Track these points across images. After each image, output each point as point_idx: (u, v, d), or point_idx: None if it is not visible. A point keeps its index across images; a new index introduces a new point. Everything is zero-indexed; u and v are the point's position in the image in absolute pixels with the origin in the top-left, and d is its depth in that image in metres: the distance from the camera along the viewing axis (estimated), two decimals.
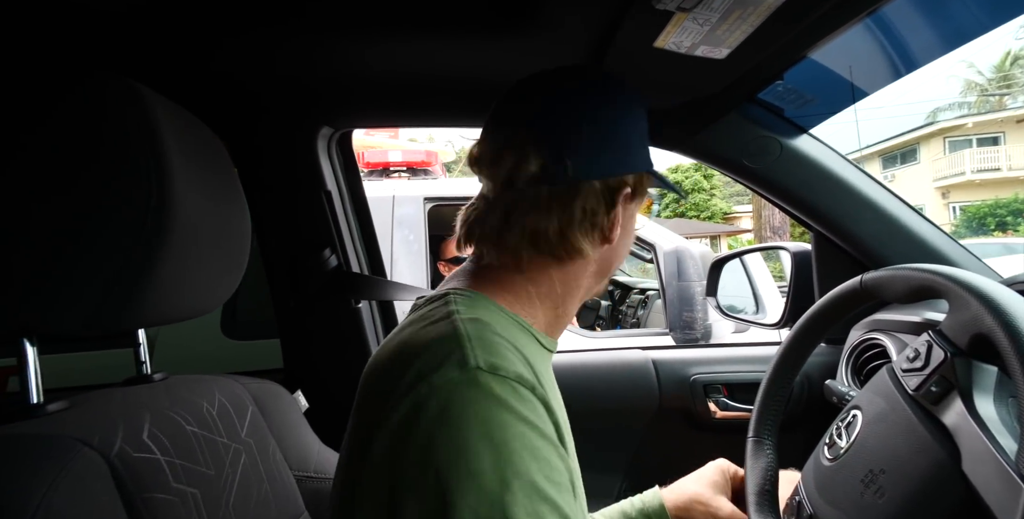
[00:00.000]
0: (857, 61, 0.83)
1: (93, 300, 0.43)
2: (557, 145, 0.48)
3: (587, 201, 0.49)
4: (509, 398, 0.38)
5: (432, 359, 0.39)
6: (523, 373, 0.40)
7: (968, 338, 0.47)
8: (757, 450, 0.69)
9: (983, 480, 0.41)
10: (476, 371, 0.38)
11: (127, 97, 0.44)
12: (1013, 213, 14.53)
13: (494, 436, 0.36)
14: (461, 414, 0.36)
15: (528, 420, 0.38)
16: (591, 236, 0.50)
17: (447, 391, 0.37)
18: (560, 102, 0.49)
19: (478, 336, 0.41)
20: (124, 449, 0.43)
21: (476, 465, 0.35)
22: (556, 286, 0.51)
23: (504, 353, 0.40)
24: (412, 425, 0.37)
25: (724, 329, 1.85)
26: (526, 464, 0.36)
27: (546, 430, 0.39)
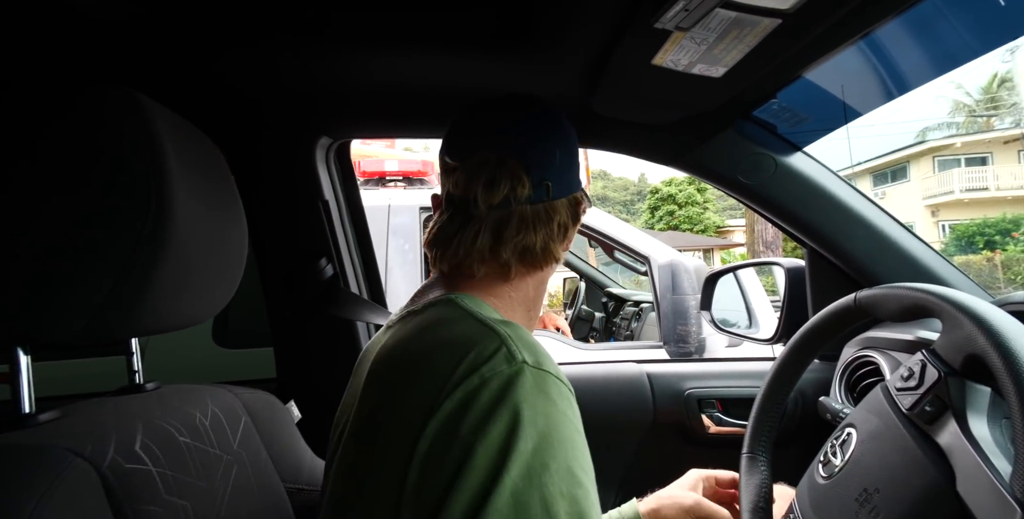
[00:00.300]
0: (851, 82, 0.85)
1: (89, 309, 0.43)
2: (542, 170, 0.55)
3: (562, 217, 0.57)
4: (551, 391, 0.41)
5: (481, 354, 0.42)
6: (560, 371, 0.44)
7: (962, 358, 0.47)
8: (751, 466, 0.69)
9: (977, 501, 0.41)
10: (523, 365, 0.41)
11: (126, 106, 0.44)
12: (1001, 232, 14.74)
13: (538, 423, 0.39)
14: (513, 403, 0.39)
15: (566, 413, 0.41)
16: (562, 246, 0.58)
17: (498, 382, 0.40)
18: (540, 132, 0.57)
19: (516, 335, 0.44)
20: (116, 460, 0.43)
21: (522, 446, 0.38)
22: (531, 290, 0.59)
23: (542, 350, 0.44)
24: (464, 413, 0.39)
25: (718, 343, 1.85)
26: (564, 451, 0.39)
27: (579, 425, 0.42)
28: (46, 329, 0.42)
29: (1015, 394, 0.39)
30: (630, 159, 1.04)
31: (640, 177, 53.21)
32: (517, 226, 0.54)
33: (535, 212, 0.55)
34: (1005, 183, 17.44)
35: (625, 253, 2.03)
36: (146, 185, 0.43)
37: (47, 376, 1.41)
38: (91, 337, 0.44)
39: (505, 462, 0.37)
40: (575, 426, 0.41)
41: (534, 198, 0.54)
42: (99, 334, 0.44)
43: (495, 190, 0.53)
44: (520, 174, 0.53)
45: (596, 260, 4.23)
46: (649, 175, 51.61)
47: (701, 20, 0.54)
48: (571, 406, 0.42)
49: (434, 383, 0.41)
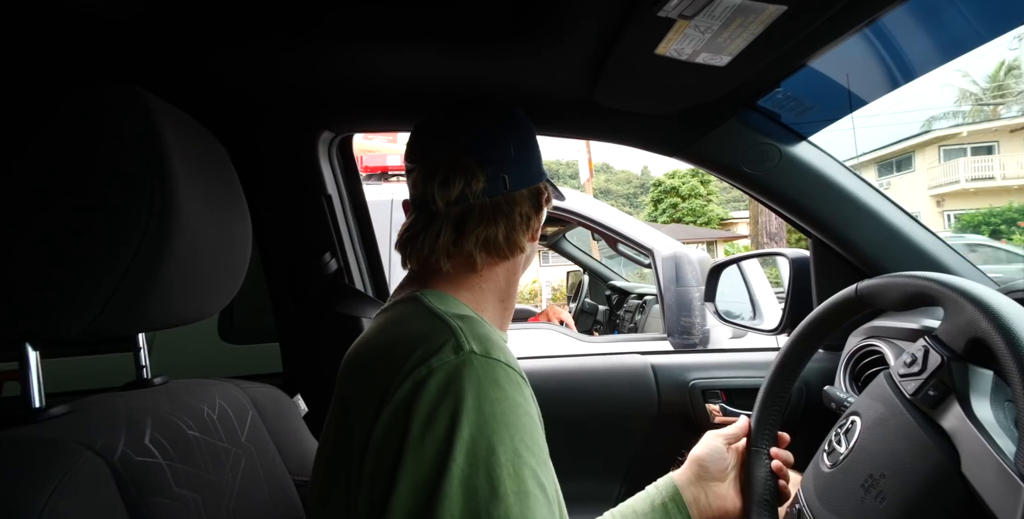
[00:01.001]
0: (856, 70, 0.84)
1: (96, 305, 0.43)
2: (495, 164, 0.57)
3: (522, 207, 0.59)
4: (499, 378, 0.42)
5: (430, 346, 0.44)
6: (511, 359, 0.45)
7: (964, 342, 0.47)
8: (756, 458, 0.69)
9: (983, 481, 0.41)
10: (470, 354, 0.43)
11: (129, 102, 0.45)
12: (1006, 222, 14.64)
13: (484, 409, 0.40)
14: (458, 390, 0.41)
15: (515, 399, 0.42)
16: (527, 236, 0.60)
17: (445, 371, 0.42)
18: (491, 129, 0.60)
19: (468, 326, 0.46)
20: (127, 453, 0.43)
21: (466, 432, 0.39)
22: (502, 281, 0.61)
23: (493, 340, 0.46)
24: (413, 403, 0.41)
25: (722, 334, 1.85)
26: (511, 434, 0.40)
27: (530, 410, 0.44)
28: (53, 325, 0.43)
29: (1018, 375, 0.39)
30: (633, 152, 1.04)
31: (643, 170, 52.95)
32: (478, 219, 0.56)
33: (495, 205, 0.57)
34: (1011, 172, 17.28)
35: (628, 246, 2.03)
36: (149, 181, 0.44)
37: (57, 373, 1.42)
38: (98, 332, 0.44)
39: (451, 450, 0.38)
40: (525, 410, 0.43)
41: (491, 191, 0.57)
42: (106, 329, 0.45)
43: (450, 187, 0.55)
44: (474, 170, 0.56)
45: (600, 253, 4.23)
46: (652, 167, 51.34)
47: (705, 8, 0.54)
48: (521, 392, 0.44)
49: (388, 375, 0.43)
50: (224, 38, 0.68)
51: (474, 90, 0.84)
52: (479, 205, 0.56)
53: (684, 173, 23.93)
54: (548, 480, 0.41)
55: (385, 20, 0.65)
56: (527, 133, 0.63)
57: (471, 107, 0.63)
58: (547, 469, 0.42)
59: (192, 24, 0.64)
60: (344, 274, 1.03)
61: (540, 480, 0.40)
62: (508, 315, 0.63)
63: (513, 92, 0.85)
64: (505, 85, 0.83)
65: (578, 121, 0.94)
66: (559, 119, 0.94)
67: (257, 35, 0.68)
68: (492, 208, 0.57)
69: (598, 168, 52.36)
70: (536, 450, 0.41)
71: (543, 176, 0.63)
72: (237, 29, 0.66)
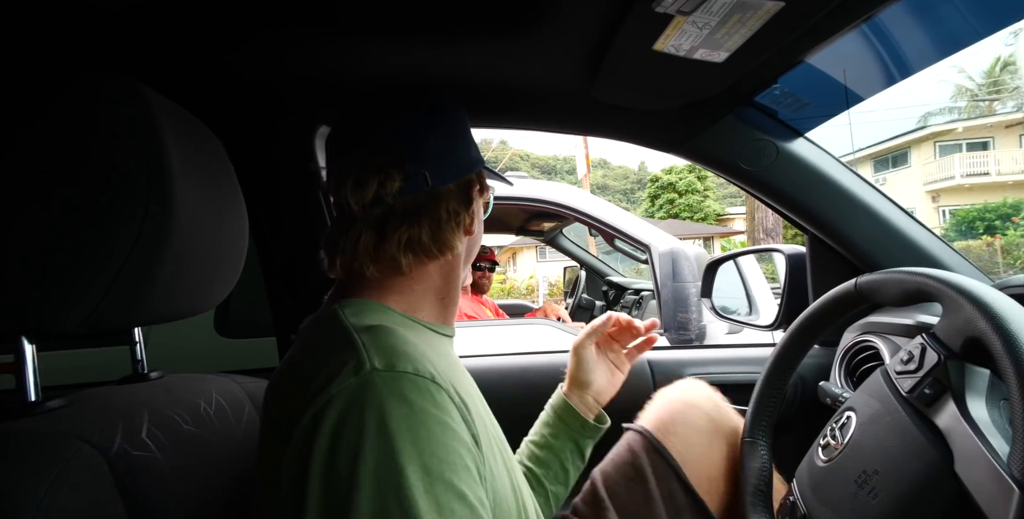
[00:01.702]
0: (852, 66, 0.84)
1: (92, 298, 0.43)
2: (413, 161, 0.54)
3: (449, 203, 0.56)
4: (406, 392, 0.40)
5: (331, 372, 0.41)
6: (420, 366, 0.42)
7: (961, 341, 0.48)
8: (752, 451, 0.70)
9: (975, 481, 0.41)
10: (371, 373, 0.40)
11: (125, 95, 0.44)
12: (1001, 217, 14.71)
13: (389, 429, 0.38)
14: (358, 416, 0.38)
15: (426, 410, 0.40)
16: (457, 232, 0.57)
17: (344, 397, 0.39)
18: (404, 125, 0.56)
19: (372, 340, 0.44)
20: (123, 447, 0.43)
21: (372, 459, 0.37)
22: (438, 280, 0.58)
23: (400, 350, 0.43)
24: (313, 438, 0.38)
25: (718, 330, 1.86)
26: (419, 450, 0.38)
27: (445, 417, 0.41)
28: (49, 318, 0.43)
29: (1014, 376, 0.40)
30: (630, 147, 1.03)
31: (640, 165, 52.95)
32: (399, 220, 0.53)
33: (416, 203, 0.54)
34: (1006, 168, 17.35)
35: (625, 241, 2.03)
36: (146, 174, 0.43)
37: (53, 366, 1.42)
38: (94, 326, 0.44)
39: (356, 481, 0.36)
40: (437, 419, 0.40)
41: (412, 190, 0.53)
42: (102, 323, 0.45)
43: (363, 189, 0.52)
44: (388, 169, 0.52)
45: (596, 249, 4.23)
46: (649, 163, 51.34)
47: (703, 4, 0.53)
48: (431, 400, 0.41)
49: (291, 407, 0.41)
50: (222, 32, 0.67)
51: (471, 83, 0.83)
52: (400, 205, 0.53)
53: (681, 169, 23.94)
54: (467, 485, 0.39)
55: (383, 14, 0.65)
56: (452, 123, 0.58)
57: (386, 99, 0.59)
58: (466, 474, 0.40)
59: (190, 17, 0.63)
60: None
61: (458, 489, 0.38)
62: (451, 311, 0.61)
63: (511, 88, 0.84)
64: (503, 81, 0.82)
65: (576, 117, 0.94)
66: (557, 115, 0.93)
67: (254, 30, 0.67)
68: (414, 207, 0.54)
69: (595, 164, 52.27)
70: (451, 458, 0.39)
71: (475, 166, 0.60)
72: (234, 23, 0.65)
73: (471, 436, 0.43)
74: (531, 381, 1.18)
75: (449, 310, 0.60)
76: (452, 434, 0.40)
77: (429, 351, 0.46)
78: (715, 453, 0.74)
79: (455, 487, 0.38)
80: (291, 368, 0.47)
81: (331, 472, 0.37)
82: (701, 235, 19.27)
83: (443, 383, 0.42)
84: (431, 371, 0.42)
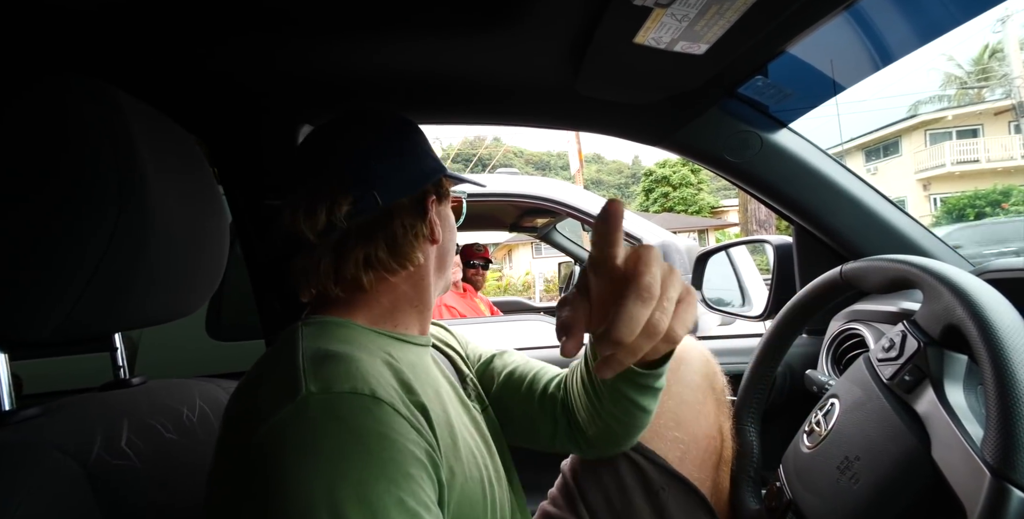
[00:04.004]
0: (835, 55, 0.84)
1: (64, 305, 0.42)
2: (359, 184, 0.55)
3: (403, 218, 0.57)
4: (340, 411, 0.41)
5: (273, 396, 0.42)
6: (358, 384, 0.43)
7: (940, 328, 0.48)
8: (740, 437, 0.70)
9: (950, 466, 0.42)
10: (307, 397, 0.41)
11: (94, 97, 0.43)
12: (991, 204, 14.82)
13: (321, 448, 0.38)
14: (293, 440, 0.39)
15: (362, 426, 0.40)
16: (418, 244, 0.58)
17: (280, 423, 0.40)
18: (346, 151, 0.57)
19: (313, 364, 0.44)
20: (102, 456, 0.43)
21: (308, 478, 0.37)
22: (407, 291, 0.59)
23: (338, 371, 0.43)
24: (252, 458, 0.39)
25: (711, 322, 1.87)
26: (352, 464, 0.38)
27: (384, 430, 0.41)
28: (20, 327, 0.42)
29: (989, 361, 0.40)
30: (624, 142, 1.03)
31: (634, 160, 52.97)
32: (354, 241, 0.55)
33: (369, 224, 0.55)
34: (996, 154, 17.48)
35: None
36: (116, 177, 0.43)
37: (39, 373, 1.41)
38: (68, 334, 0.43)
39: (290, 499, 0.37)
40: (377, 433, 0.41)
41: (363, 211, 0.55)
42: (76, 330, 0.44)
43: (314, 217, 0.53)
44: (334, 196, 0.54)
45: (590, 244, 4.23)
46: (643, 158, 51.37)
47: None
48: (371, 416, 0.41)
49: (234, 431, 0.43)
50: (200, 31, 0.67)
51: (455, 80, 0.83)
52: (354, 226, 0.55)
53: (675, 163, 23.98)
54: (409, 492, 0.40)
55: (364, 12, 0.64)
56: (398, 140, 0.60)
57: (327, 130, 0.61)
58: (407, 482, 0.40)
59: (165, 17, 0.63)
60: None
61: (396, 497, 0.39)
62: (425, 317, 0.62)
63: (494, 84, 0.84)
64: (486, 77, 0.82)
65: (562, 112, 0.94)
66: (542, 110, 0.93)
67: (233, 29, 0.66)
68: (368, 227, 0.55)
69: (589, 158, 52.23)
70: (389, 469, 0.40)
71: (430, 177, 0.61)
72: (212, 22, 0.65)
73: (425, 444, 0.44)
74: None
75: (425, 317, 0.62)
76: (391, 445, 0.41)
77: (385, 366, 0.48)
78: (708, 409, 0.74)
79: (393, 495, 0.39)
80: (245, 386, 0.47)
81: (266, 491, 0.38)
82: (696, 228, 19.32)
83: (385, 397, 0.43)
84: (371, 388, 0.43)
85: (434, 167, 0.62)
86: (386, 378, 0.46)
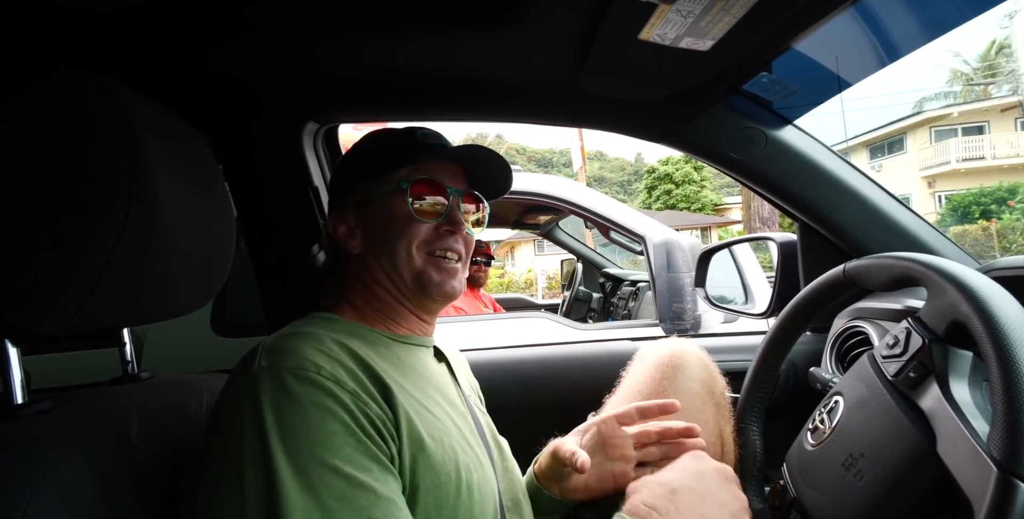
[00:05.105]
0: (840, 51, 0.84)
1: (74, 300, 0.43)
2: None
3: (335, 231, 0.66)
4: (285, 384, 0.45)
5: (234, 374, 0.48)
6: (306, 361, 0.46)
7: (945, 325, 0.48)
8: (744, 435, 0.71)
9: (956, 462, 0.42)
10: (256, 373, 0.46)
11: (103, 94, 0.44)
12: (996, 201, 14.72)
13: (263, 419, 0.43)
14: (239, 411, 0.44)
15: (303, 399, 0.44)
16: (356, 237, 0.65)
17: (233, 396, 0.46)
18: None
19: (272, 344, 0.49)
20: (112, 449, 0.43)
21: (250, 446, 0.42)
22: (362, 292, 0.64)
23: (290, 349, 0.48)
24: (210, 429, 0.46)
25: (714, 319, 1.87)
26: (292, 434, 0.42)
27: (326, 403, 0.45)
28: (32, 321, 0.42)
29: (995, 358, 0.40)
30: (626, 139, 1.03)
31: (637, 157, 52.80)
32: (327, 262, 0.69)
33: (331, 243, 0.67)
34: (1002, 151, 17.35)
35: (621, 233, 2.03)
36: (126, 174, 0.43)
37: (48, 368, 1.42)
38: (78, 328, 0.44)
39: (234, 465, 0.42)
40: (318, 406, 0.44)
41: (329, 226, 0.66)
42: (86, 325, 0.45)
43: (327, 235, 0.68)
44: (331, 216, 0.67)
45: (593, 241, 4.23)
46: (646, 155, 51.17)
47: None
48: (311, 391, 0.45)
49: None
50: (206, 29, 0.67)
51: (460, 77, 0.83)
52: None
53: (678, 160, 23.89)
54: (347, 461, 0.43)
55: (370, 9, 0.64)
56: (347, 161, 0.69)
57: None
58: (346, 451, 0.44)
59: (174, 15, 0.63)
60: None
61: (331, 465, 0.42)
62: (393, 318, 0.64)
63: (498, 81, 0.84)
64: (490, 74, 0.82)
65: (565, 109, 0.94)
66: (547, 107, 0.93)
67: (239, 27, 0.66)
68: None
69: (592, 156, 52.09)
70: (328, 440, 0.43)
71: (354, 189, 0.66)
72: (218, 20, 0.65)
73: (375, 414, 0.47)
74: (526, 373, 1.19)
75: (390, 318, 0.64)
76: (331, 417, 0.44)
77: (356, 350, 0.51)
78: (708, 416, 0.74)
79: (329, 463, 0.42)
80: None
81: (216, 456, 0.43)
82: (698, 225, 19.27)
83: (328, 374, 0.47)
84: (317, 364, 0.47)
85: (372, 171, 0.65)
86: (337, 355, 0.49)
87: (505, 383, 1.17)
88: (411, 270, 0.62)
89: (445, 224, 0.63)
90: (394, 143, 0.67)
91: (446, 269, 0.63)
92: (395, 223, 0.62)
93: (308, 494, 0.41)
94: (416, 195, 0.62)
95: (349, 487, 0.42)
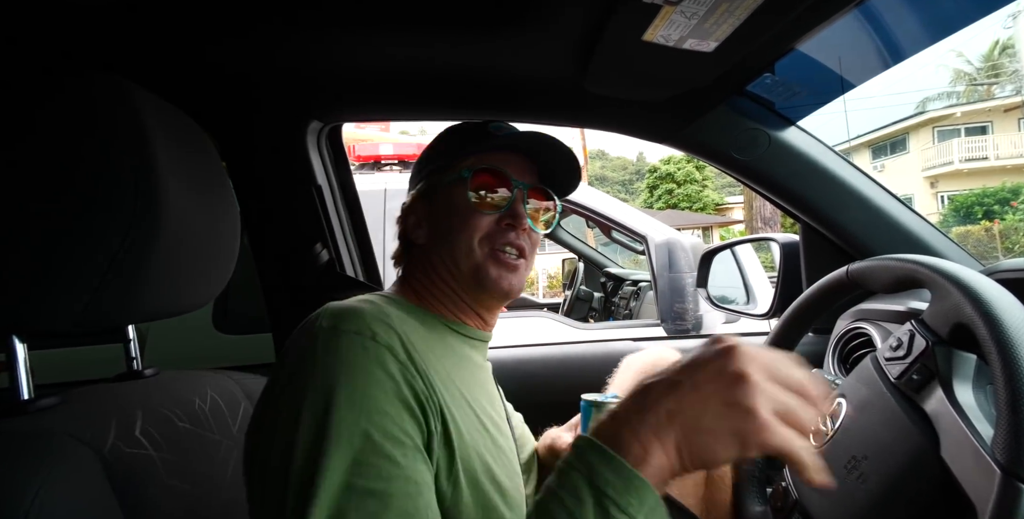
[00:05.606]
0: (844, 53, 0.84)
1: (82, 297, 0.43)
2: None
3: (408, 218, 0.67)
4: (342, 348, 0.45)
5: (295, 335, 0.49)
6: (363, 327, 0.47)
7: (949, 327, 0.48)
8: None
9: (960, 465, 0.42)
10: (317, 331, 0.47)
11: (115, 95, 0.44)
12: (999, 202, 14.67)
13: (320, 379, 0.44)
14: (301, 370, 0.45)
15: (357, 363, 0.45)
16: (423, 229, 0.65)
17: (295, 353, 0.47)
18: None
19: (333, 308, 0.50)
20: (117, 445, 0.44)
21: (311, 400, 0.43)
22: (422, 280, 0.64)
23: (352, 314, 0.49)
24: (273, 385, 0.47)
25: (715, 320, 1.87)
26: (336, 405, 0.42)
27: (375, 369, 0.46)
28: (40, 317, 0.43)
29: (999, 360, 0.40)
30: (628, 139, 1.03)
31: (638, 156, 52.72)
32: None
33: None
34: (1005, 152, 17.29)
35: (622, 233, 2.03)
36: (135, 173, 0.43)
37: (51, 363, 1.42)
38: (86, 324, 0.44)
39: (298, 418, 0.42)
40: (368, 371, 0.45)
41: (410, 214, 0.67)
42: (94, 321, 0.45)
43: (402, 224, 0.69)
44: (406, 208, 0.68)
45: (594, 241, 4.23)
46: (648, 154, 51.05)
47: None
48: (366, 354, 0.46)
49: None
50: (210, 27, 0.67)
51: (464, 76, 0.83)
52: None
53: (680, 159, 23.86)
54: (379, 427, 0.43)
55: (374, 8, 0.64)
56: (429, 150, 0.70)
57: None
58: (379, 417, 0.44)
59: (178, 13, 0.63)
60: (336, 264, 1.03)
61: (364, 428, 0.42)
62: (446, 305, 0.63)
63: (503, 80, 0.84)
64: (495, 73, 0.82)
65: (569, 109, 0.94)
66: (550, 107, 0.93)
67: (243, 25, 0.67)
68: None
69: (594, 155, 52.03)
70: (365, 404, 0.43)
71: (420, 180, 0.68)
72: (223, 18, 0.65)
73: (421, 388, 0.47)
74: (527, 372, 1.19)
75: (447, 308, 0.63)
76: (376, 382, 0.45)
77: (411, 329, 0.52)
78: None
79: (359, 427, 0.43)
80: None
81: (280, 413, 0.44)
82: (700, 225, 19.25)
83: (383, 341, 0.47)
84: (374, 331, 0.47)
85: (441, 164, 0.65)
86: (395, 326, 0.50)
87: (506, 382, 1.17)
88: (470, 264, 0.60)
89: (507, 217, 0.61)
90: (463, 133, 0.67)
91: (506, 264, 0.61)
92: (457, 215, 0.61)
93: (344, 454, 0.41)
94: (477, 186, 0.61)
95: (374, 455, 0.42)
